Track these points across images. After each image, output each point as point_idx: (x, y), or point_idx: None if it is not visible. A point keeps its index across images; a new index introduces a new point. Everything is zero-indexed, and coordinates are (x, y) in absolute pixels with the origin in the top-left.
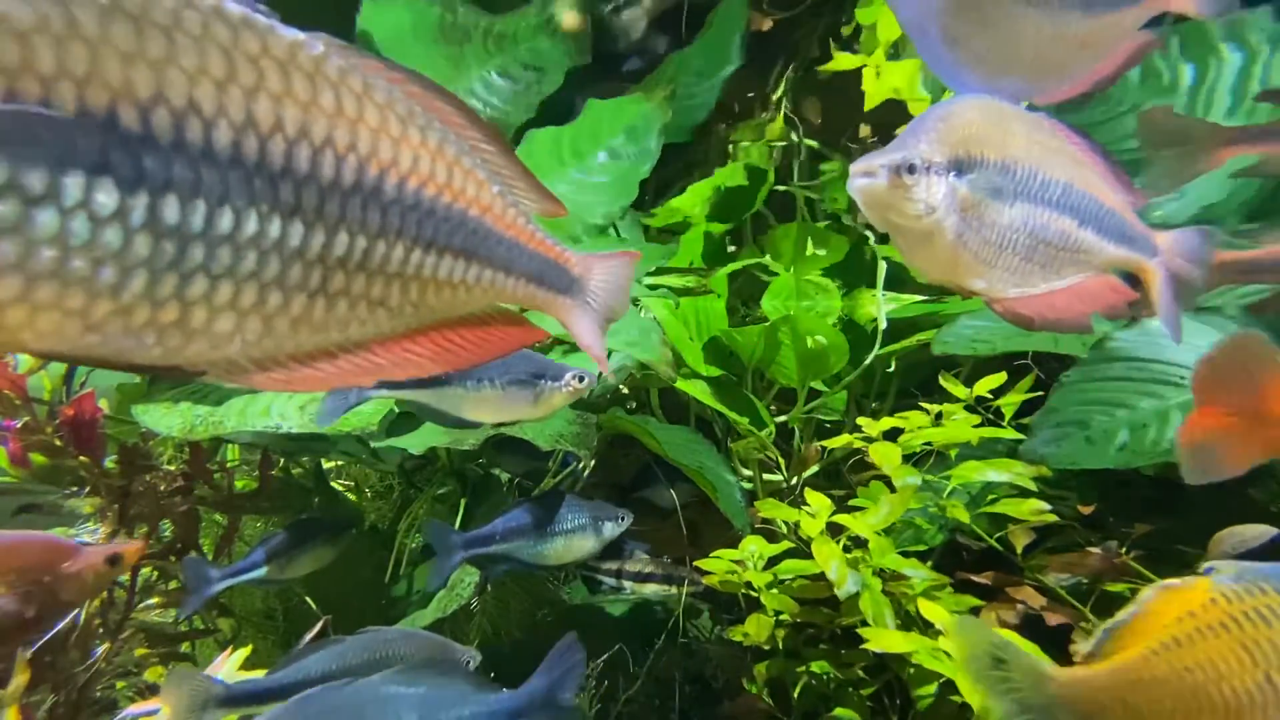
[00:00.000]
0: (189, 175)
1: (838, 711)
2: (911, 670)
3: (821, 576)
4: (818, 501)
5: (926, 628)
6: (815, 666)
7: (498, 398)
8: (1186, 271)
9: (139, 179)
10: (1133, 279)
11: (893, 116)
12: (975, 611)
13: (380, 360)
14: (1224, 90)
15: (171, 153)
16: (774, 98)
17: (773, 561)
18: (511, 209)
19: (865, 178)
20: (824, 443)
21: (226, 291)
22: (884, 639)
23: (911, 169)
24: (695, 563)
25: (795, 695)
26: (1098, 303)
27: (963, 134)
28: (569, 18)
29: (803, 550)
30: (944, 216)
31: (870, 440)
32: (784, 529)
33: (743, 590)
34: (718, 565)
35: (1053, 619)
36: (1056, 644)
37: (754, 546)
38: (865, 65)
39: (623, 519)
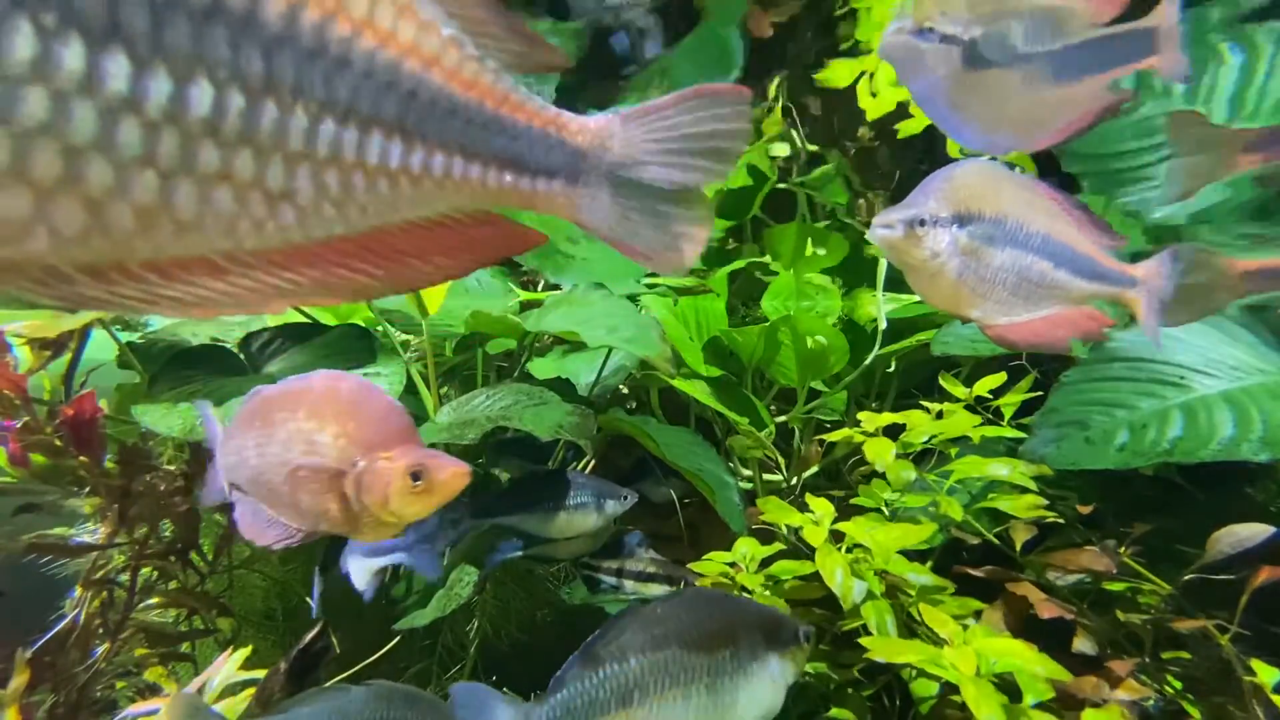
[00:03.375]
0: None
1: (834, 712)
2: (913, 673)
3: (815, 577)
4: (820, 507)
5: (927, 628)
6: (811, 667)
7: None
8: (1168, 291)
9: None
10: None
11: (891, 116)
12: (978, 615)
13: (297, 278)
14: (1222, 97)
15: None
16: (773, 98)
17: (767, 563)
18: (472, 62)
19: (885, 229)
20: (824, 436)
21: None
22: (887, 648)
23: (922, 223)
24: (689, 566)
25: (794, 695)
26: (1075, 329)
27: (964, 193)
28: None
29: (797, 551)
30: (947, 260)
31: (870, 435)
32: (784, 531)
33: (737, 593)
34: (710, 568)
35: (1045, 613)
36: (1056, 644)
37: (746, 549)
38: (861, 73)
39: (626, 498)
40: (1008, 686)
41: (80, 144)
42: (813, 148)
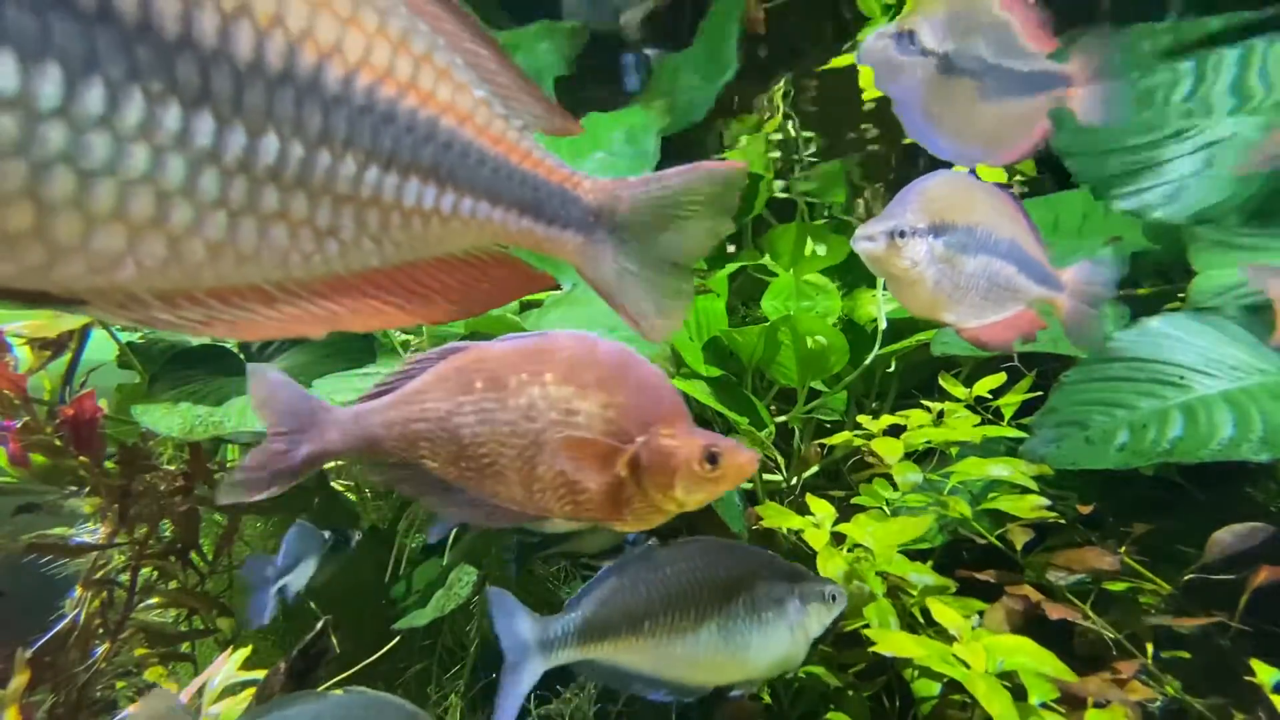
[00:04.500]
0: (29, 27)
1: (832, 716)
2: (915, 672)
3: None
4: (821, 509)
5: (930, 625)
6: (810, 669)
7: None
8: (1088, 294)
9: None
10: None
11: (891, 119)
12: (980, 614)
13: (335, 308)
14: (1222, 90)
15: None
16: (774, 95)
17: None
18: (500, 120)
19: (867, 241)
20: (825, 440)
21: (107, 196)
22: (893, 643)
23: (902, 234)
24: None
25: (793, 695)
26: (1020, 330)
27: (938, 205)
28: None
29: (796, 552)
30: (925, 268)
31: (871, 437)
32: (785, 533)
33: None
34: None
35: (1053, 614)
36: (1059, 642)
37: None
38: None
39: None
40: (1010, 687)
41: (168, 189)
42: (809, 134)
